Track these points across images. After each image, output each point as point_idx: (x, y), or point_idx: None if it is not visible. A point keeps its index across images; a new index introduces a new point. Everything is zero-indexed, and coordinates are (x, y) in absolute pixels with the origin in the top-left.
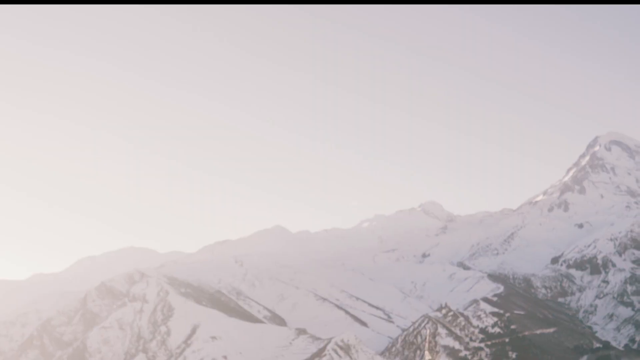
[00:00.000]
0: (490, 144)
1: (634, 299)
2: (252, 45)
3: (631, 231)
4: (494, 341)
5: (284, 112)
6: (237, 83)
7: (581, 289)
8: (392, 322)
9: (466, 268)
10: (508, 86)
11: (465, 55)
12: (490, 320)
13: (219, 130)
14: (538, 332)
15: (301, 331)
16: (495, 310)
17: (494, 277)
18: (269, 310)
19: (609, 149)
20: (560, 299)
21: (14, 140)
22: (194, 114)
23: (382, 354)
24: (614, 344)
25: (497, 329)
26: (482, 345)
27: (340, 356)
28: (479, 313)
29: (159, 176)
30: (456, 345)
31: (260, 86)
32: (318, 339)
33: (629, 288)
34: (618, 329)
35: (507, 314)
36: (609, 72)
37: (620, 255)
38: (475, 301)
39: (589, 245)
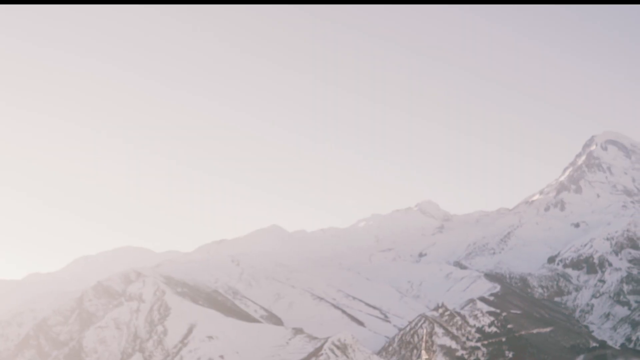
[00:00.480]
0: (486, 144)
1: (630, 298)
2: (252, 45)
3: (627, 230)
4: (490, 340)
5: (282, 111)
6: (236, 83)
7: (577, 289)
8: (388, 321)
9: (463, 267)
10: (507, 86)
11: (465, 55)
12: (487, 319)
13: (215, 129)
14: (534, 331)
15: (298, 331)
16: (492, 309)
17: (490, 276)
18: (266, 310)
19: (605, 149)
20: (556, 299)
21: (10, 140)
22: (191, 114)
23: (378, 353)
24: (610, 343)
25: (493, 329)
26: (478, 344)
27: (337, 356)
28: (476, 312)
29: (155, 176)
30: (453, 344)
31: (260, 86)
32: (315, 338)
33: (626, 287)
34: (614, 328)
35: (504, 314)
36: (609, 72)
37: (616, 254)
38: (472, 300)
39: (585, 245)
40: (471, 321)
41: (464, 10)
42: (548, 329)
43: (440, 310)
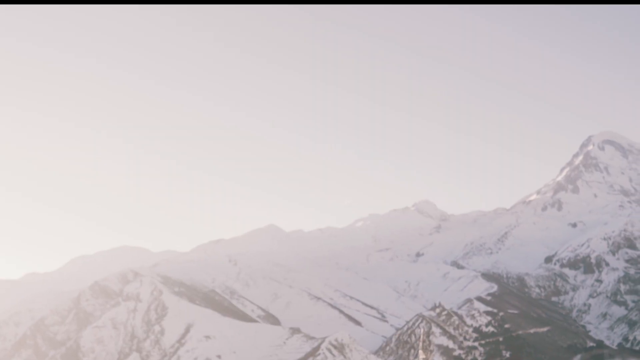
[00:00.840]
0: (484, 144)
1: (628, 298)
2: (252, 45)
3: (624, 230)
4: (487, 340)
5: (281, 111)
6: (236, 83)
7: (575, 288)
8: (386, 321)
9: (460, 267)
10: (506, 86)
11: (465, 55)
12: (484, 319)
13: (214, 129)
14: (532, 331)
15: (295, 330)
16: (489, 309)
17: (487, 276)
18: (263, 310)
19: (602, 149)
20: (553, 298)
21: (9, 140)
22: (190, 114)
23: (376, 353)
24: (607, 343)
25: (490, 328)
26: (476, 344)
27: (334, 355)
28: (473, 312)
29: (152, 175)
30: (450, 344)
31: (260, 86)
32: (312, 338)
33: (623, 287)
34: (611, 328)
35: (501, 313)
36: (607, 72)
37: (613, 254)
38: (469, 300)
39: (582, 245)
40: (468, 321)
41: (464, 10)
42: (545, 329)
43: (438, 310)
